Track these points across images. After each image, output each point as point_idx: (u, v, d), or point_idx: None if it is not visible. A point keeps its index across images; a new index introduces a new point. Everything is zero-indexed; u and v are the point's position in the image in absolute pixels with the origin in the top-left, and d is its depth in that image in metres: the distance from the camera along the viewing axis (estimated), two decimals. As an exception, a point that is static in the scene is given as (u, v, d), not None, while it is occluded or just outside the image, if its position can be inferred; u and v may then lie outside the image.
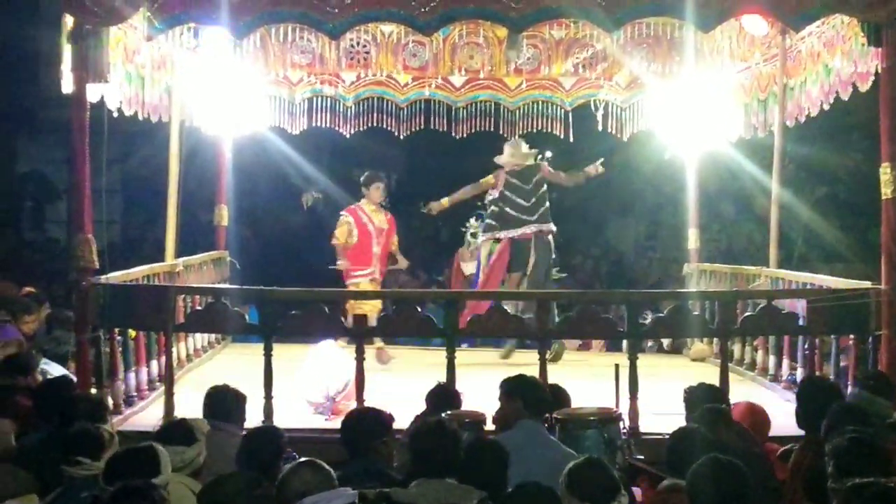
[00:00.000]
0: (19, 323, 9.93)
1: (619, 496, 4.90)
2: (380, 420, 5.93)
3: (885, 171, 8.12)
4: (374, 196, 11.59)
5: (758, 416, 7.04)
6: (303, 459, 5.25)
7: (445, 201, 12.05)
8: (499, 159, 11.70)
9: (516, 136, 12.00)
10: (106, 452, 5.67)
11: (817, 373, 8.65)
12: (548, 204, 11.62)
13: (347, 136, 12.40)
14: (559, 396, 7.08)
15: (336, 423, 7.59)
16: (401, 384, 9.34)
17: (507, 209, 11.50)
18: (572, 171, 11.91)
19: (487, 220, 11.69)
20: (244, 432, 6.20)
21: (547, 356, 8.23)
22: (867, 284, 8.48)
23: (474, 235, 12.34)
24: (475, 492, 4.99)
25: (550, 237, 11.56)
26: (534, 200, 11.50)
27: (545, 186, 11.61)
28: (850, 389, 7.30)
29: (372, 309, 10.27)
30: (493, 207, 11.63)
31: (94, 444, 5.75)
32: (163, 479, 5.10)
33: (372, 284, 11.33)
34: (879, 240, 8.39)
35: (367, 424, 5.89)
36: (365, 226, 11.47)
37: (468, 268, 12.48)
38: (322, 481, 5.05)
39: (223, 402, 6.72)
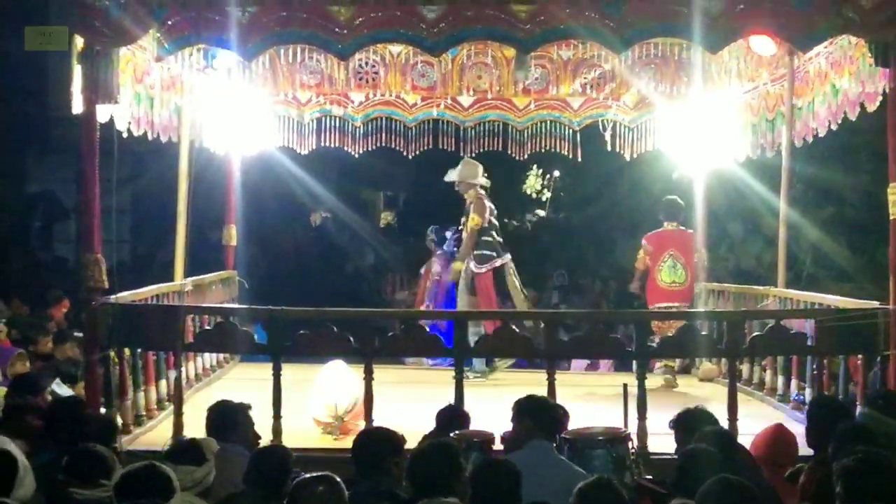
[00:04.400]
0: (37, 345, 9.96)
1: (628, 515, 4.91)
2: (391, 440, 5.92)
3: (892, 191, 8.11)
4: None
5: (785, 440, 6.96)
6: (318, 474, 5.23)
7: (459, 265, 11.91)
8: (472, 179, 11.76)
9: (468, 155, 12.09)
10: (112, 474, 5.66)
11: (826, 393, 8.64)
12: None
13: (356, 155, 12.46)
14: None
15: (344, 443, 7.62)
16: (411, 403, 9.33)
17: (497, 236, 11.59)
18: None
19: (483, 252, 11.62)
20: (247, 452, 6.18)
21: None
22: (875, 304, 8.47)
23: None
24: (483, 512, 4.99)
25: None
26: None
27: None
28: (858, 409, 7.28)
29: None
30: (486, 238, 11.63)
31: (98, 465, 5.75)
32: (176, 500, 5.10)
33: None
34: (887, 259, 8.39)
35: (377, 444, 5.88)
36: None
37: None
38: (336, 496, 5.04)
39: (223, 417, 6.69)
